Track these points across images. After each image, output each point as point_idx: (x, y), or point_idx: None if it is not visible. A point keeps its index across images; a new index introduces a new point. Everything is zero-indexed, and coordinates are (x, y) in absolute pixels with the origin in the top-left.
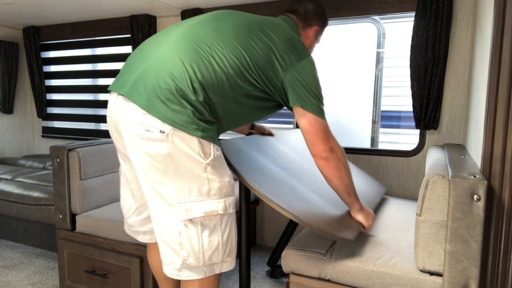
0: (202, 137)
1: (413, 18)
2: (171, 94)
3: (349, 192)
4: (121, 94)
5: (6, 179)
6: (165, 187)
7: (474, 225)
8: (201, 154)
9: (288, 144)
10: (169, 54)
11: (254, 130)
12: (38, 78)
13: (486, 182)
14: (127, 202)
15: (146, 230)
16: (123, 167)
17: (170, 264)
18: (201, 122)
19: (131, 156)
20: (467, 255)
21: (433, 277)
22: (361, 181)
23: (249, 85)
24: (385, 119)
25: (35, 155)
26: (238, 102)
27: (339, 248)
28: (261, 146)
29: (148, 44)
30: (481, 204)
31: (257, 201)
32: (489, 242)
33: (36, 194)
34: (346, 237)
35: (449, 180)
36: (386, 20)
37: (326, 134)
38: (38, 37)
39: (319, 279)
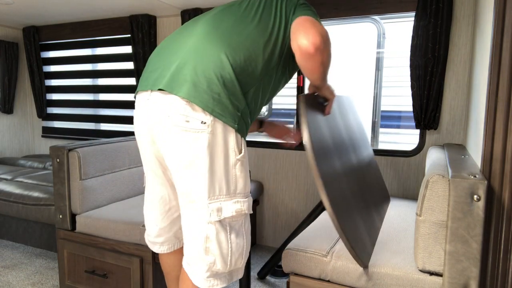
0: (237, 130)
1: (413, 18)
2: (212, 83)
3: (326, 75)
4: (159, 89)
5: (6, 179)
6: (198, 184)
7: (474, 225)
8: (235, 149)
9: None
10: (202, 45)
11: (263, 127)
12: (38, 78)
13: (486, 182)
14: (151, 213)
15: (164, 241)
16: (155, 177)
17: (196, 274)
18: (238, 113)
19: (167, 156)
20: (467, 255)
21: (433, 277)
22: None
23: (275, 55)
24: (385, 119)
25: (35, 155)
26: (269, 78)
27: (339, 249)
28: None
29: (174, 39)
30: (481, 204)
31: (257, 201)
32: (489, 242)
33: (36, 194)
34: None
35: (449, 180)
36: (386, 20)
37: (315, 23)
38: (38, 37)
39: (320, 279)
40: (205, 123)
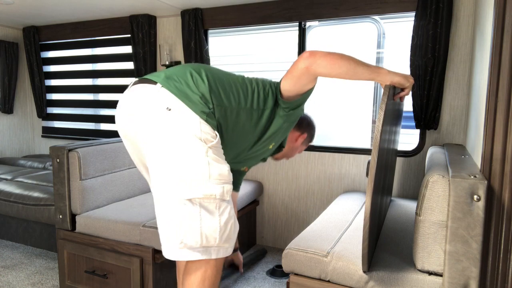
0: (206, 121)
1: (413, 18)
2: (187, 81)
3: (363, 64)
4: (143, 79)
5: (6, 179)
6: (170, 167)
7: (474, 225)
8: (205, 138)
9: None
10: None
11: (235, 252)
12: (38, 78)
13: (486, 182)
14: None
15: None
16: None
17: (169, 246)
18: (209, 110)
19: (143, 143)
20: (467, 255)
21: (432, 277)
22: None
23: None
24: None
25: (35, 155)
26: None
27: (339, 249)
28: None
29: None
30: (481, 204)
31: (257, 201)
32: (489, 242)
33: (36, 194)
34: None
35: (449, 180)
36: (386, 20)
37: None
38: (38, 37)
39: (320, 279)
40: (170, 109)
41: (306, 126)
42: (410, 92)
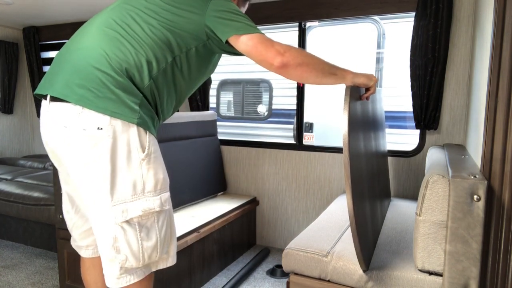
0: (139, 124)
1: (413, 18)
2: (101, 83)
3: (332, 72)
4: (52, 96)
5: (6, 179)
6: (100, 190)
7: (474, 225)
8: (138, 148)
9: None
10: (89, 46)
11: None
12: (38, 78)
13: (486, 182)
14: (69, 216)
15: (88, 244)
16: (64, 184)
17: (110, 274)
18: (137, 108)
19: (67, 165)
20: (467, 255)
21: (432, 277)
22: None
23: (177, 49)
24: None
25: (35, 155)
26: (172, 71)
27: (339, 249)
28: None
29: (73, 39)
30: (481, 204)
31: (257, 201)
32: (489, 242)
33: (36, 194)
34: None
35: (449, 180)
36: (386, 20)
37: (267, 43)
38: (38, 37)
39: (320, 279)
40: (101, 128)
41: None
42: (411, 92)
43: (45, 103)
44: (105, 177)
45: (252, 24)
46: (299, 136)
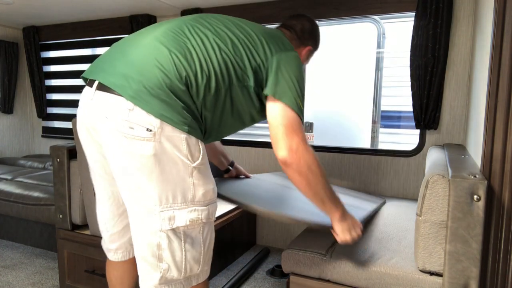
0: (189, 132)
1: (413, 18)
2: (158, 83)
3: (322, 200)
4: (103, 85)
5: (6, 179)
6: (146, 193)
7: (474, 225)
8: (188, 156)
9: (268, 181)
10: (155, 44)
11: (232, 167)
12: (38, 78)
13: (486, 182)
14: (102, 216)
15: (117, 247)
16: (99, 180)
17: (148, 281)
18: (189, 116)
19: (111, 160)
20: (467, 255)
21: (433, 277)
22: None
23: (237, 80)
24: (385, 119)
25: (35, 155)
26: (225, 101)
27: (339, 248)
28: (243, 184)
29: (136, 34)
30: (481, 204)
31: None
32: (489, 242)
33: (36, 194)
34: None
35: (449, 180)
36: (386, 20)
37: (292, 129)
38: (38, 37)
39: (319, 279)
40: (150, 130)
41: (308, 37)
42: (411, 92)
43: (89, 91)
44: (153, 181)
45: (299, 102)
46: None
